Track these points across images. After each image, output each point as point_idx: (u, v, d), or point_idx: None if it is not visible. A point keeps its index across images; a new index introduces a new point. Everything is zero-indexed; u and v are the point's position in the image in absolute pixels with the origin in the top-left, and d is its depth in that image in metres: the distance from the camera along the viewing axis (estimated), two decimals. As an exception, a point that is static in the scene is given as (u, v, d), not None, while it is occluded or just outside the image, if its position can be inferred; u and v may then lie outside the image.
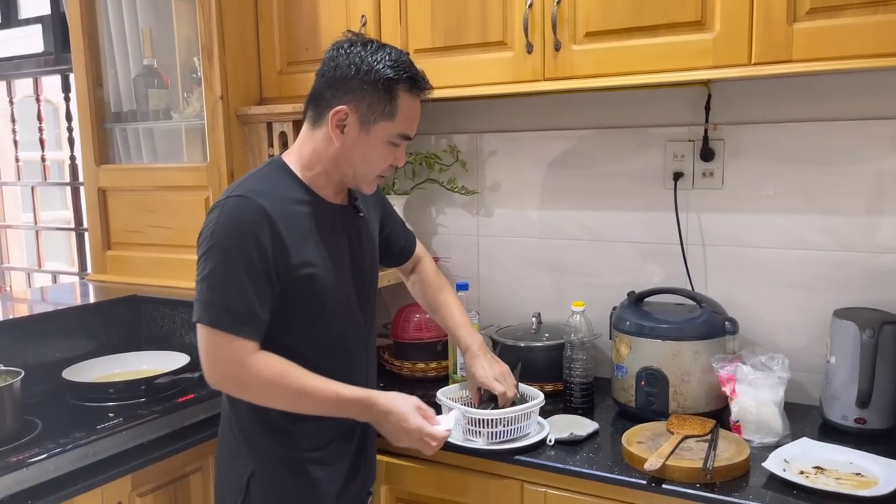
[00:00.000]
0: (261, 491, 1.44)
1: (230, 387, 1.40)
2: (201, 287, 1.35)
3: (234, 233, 1.33)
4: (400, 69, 1.38)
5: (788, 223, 1.84)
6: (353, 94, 1.38)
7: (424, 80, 1.43)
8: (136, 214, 2.26)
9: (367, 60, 1.37)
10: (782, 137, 1.82)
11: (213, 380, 1.38)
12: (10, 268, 3.56)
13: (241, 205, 1.35)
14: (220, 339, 1.33)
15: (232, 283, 1.32)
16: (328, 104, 1.40)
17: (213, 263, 1.33)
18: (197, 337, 1.37)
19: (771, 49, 1.49)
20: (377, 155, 1.43)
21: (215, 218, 1.35)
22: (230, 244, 1.33)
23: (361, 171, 1.44)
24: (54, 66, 3.08)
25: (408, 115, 1.42)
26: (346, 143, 1.40)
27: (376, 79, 1.37)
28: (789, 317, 1.86)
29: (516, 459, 1.58)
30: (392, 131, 1.41)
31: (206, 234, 1.36)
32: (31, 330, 1.92)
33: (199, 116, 2.14)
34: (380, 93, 1.37)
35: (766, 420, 1.60)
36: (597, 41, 1.66)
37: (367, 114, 1.38)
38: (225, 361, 1.35)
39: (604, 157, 2.05)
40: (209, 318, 1.33)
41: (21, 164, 3.47)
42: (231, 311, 1.32)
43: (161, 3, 2.26)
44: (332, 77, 1.40)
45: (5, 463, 1.46)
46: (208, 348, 1.35)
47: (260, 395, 1.39)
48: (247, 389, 1.38)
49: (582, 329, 1.83)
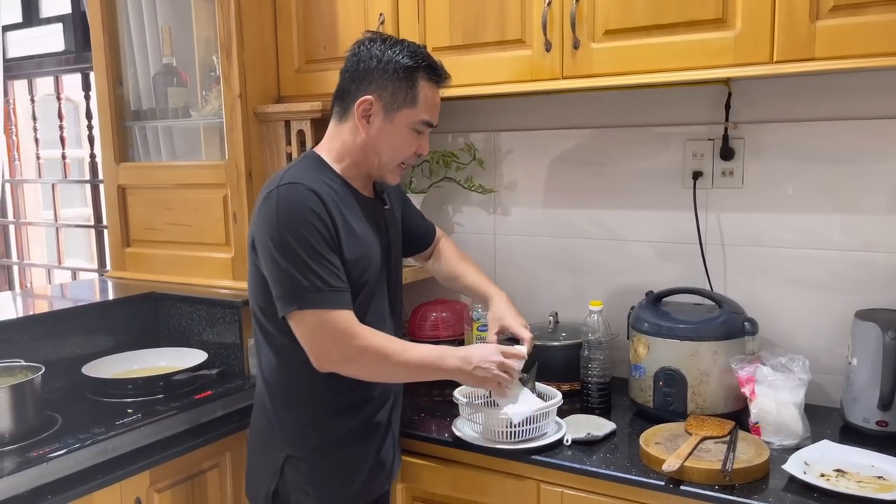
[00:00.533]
0: (295, 474, 1.47)
1: (344, 363, 1.41)
2: (288, 274, 1.36)
3: (297, 215, 1.37)
4: (418, 58, 1.47)
5: (809, 223, 1.82)
6: (375, 85, 1.45)
7: (442, 69, 1.51)
8: (155, 212, 2.28)
9: (387, 53, 1.46)
10: (803, 136, 1.80)
11: (327, 360, 1.40)
12: (31, 264, 3.59)
13: (295, 190, 1.39)
14: (328, 317, 1.36)
15: (316, 261, 1.36)
16: (353, 97, 1.47)
17: (290, 249, 1.35)
18: (296, 327, 1.38)
19: (793, 47, 1.47)
20: (402, 141, 1.49)
21: (273, 206, 1.38)
22: (298, 226, 1.36)
23: (387, 158, 1.50)
24: (75, 64, 3.11)
25: (429, 102, 1.49)
26: (372, 132, 1.47)
27: (397, 68, 1.45)
28: (810, 317, 1.84)
29: (533, 459, 1.57)
30: (415, 118, 1.48)
31: (269, 225, 1.38)
32: (52, 326, 1.94)
33: (217, 114, 2.15)
34: (401, 81, 1.45)
35: (786, 422, 1.58)
36: (616, 39, 1.65)
37: (391, 102, 1.45)
38: (337, 338, 1.37)
39: (622, 155, 2.04)
40: (310, 301, 1.35)
41: (42, 161, 3.51)
42: (328, 287, 1.36)
43: (180, 2, 2.27)
44: (354, 71, 1.47)
45: (26, 458, 1.48)
46: (318, 331, 1.37)
47: (369, 366, 1.42)
48: (357, 362, 1.40)
49: (599, 329, 1.82)
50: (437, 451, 1.71)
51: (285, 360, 1.47)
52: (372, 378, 1.48)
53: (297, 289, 1.36)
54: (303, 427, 1.48)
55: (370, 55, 1.46)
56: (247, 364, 2.02)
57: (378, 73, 1.45)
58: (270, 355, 1.49)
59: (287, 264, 1.36)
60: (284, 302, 1.37)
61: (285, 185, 1.40)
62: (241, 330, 2.01)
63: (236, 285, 2.09)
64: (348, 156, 1.50)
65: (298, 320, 1.38)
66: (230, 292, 2.08)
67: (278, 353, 1.47)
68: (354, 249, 1.44)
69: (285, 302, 1.37)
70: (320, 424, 1.49)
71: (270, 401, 1.51)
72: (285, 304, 1.37)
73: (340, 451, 1.50)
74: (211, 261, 2.15)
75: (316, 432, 1.48)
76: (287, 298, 1.37)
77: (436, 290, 2.33)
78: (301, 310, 1.36)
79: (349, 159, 1.51)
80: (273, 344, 1.48)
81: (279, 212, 1.37)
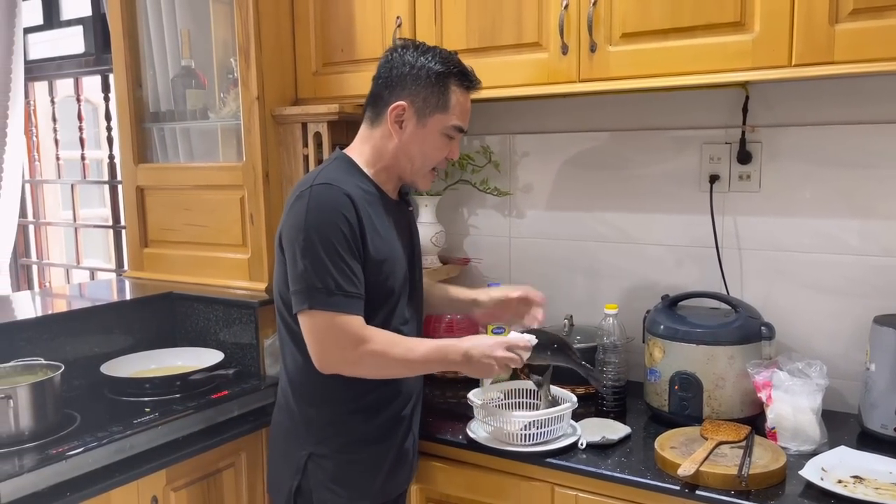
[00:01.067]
0: (318, 471, 1.49)
1: (345, 366, 1.43)
2: (305, 273, 1.38)
3: (327, 217, 1.39)
4: (450, 64, 1.50)
5: (827, 227, 1.81)
6: (408, 91, 1.48)
7: (473, 75, 1.54)
8: (173, 213, 2.30)
9: (420, 59, 1.48)
10: (822, 140, 1.79)
11: (329, 362, 1.42)
12: (50, 264, 3.63)
13: (328, 191, 1.41)
14: (336, 320, 1.38)
15: (335, 264, 1.38)
16: (386, 102, 1.49)
17: (313, 249, 1.37)
18: (303, 325, 1.41)
19: (812, 50, 1.46)
20: (434, 147, 1.52)
21: (305, 205, 1.40)
22: (326, 228, 1.38)
23: (419, 163, 1.53)
24: (94, 66, 3.15)
25: (460, 108, 1.52)
26: (405, 137, 1.49)
27: (429, 74, 1.47)
28: (827, 322, 1.82)
29: (548, 462, 1.57)
30: (447, 123, 1.51)
31: (297, 223, 1.40)
32: (71, 325, 1.96)
33: (235, 116, 2.17)
34: (433, 87, 1.48)
35: (803, 427, 1.57)
36: (633, 42, 1.65)
37: (423, 107, 1.48)
38: (342, 342, 1.39)
39: (638, 158, 2.04)
40: (321, 303, 1.37)
41: (61, 162, 3.55)
42: (341, 292, 1.38)
43: (199, 5, 2.29)
44: (387, 78, 1.49)
45: (46, 455, 1.50)
46: (323, 332, 1.39)
47: (372, 369, 1.45)
48: (359, 365, 1.43)
49: (615, 332, 1.82)
50: (452, 452, 1.71)
51: (308, 359, 1.48)
52: (374, 377, 1.49)
53: (312, 288, 1.38)
54: (327, 424, 1.50)
55: (403, 61, 1.48)
56: (262, 364, 2.03)
57: (411, 80, 1.47)
58: (295, 353, 1.50)
59: (307, 262, 1.38)
60: (298, 299, 1.40)
61: (319, 186, 1.42)
62: (258, 330, 2.02)
63: (252, 286, 2.10)
64: (380, 160, 1.53)
65: (307, 319, 1.40)
66: (246, 293, 2.09)
67: (303, 351, 1.48)
68: (381, 252, 1.46)
69: (299, 299, 1.40)
70: (344, 422, 1.50)
71: (294, 398, 1.52)
72: (299, 301, 1.40)
73: (363, 449, 1.51)
74: (227, 261, 2.16)
75: (340, 429, 1.50)
76: (301, 296, 1.39)
77: (450, 293, 2.34)
78: (311, 309, 1.38)
79: (381, 164, 1.53)
80: (298, 342, 1.49)
81: (309, 211, 1.39)
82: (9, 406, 1.55)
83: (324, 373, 1.43)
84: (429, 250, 2.22)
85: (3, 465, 1.46)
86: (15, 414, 1.56)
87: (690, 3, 1.57)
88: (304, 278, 1.38)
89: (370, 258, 1.44)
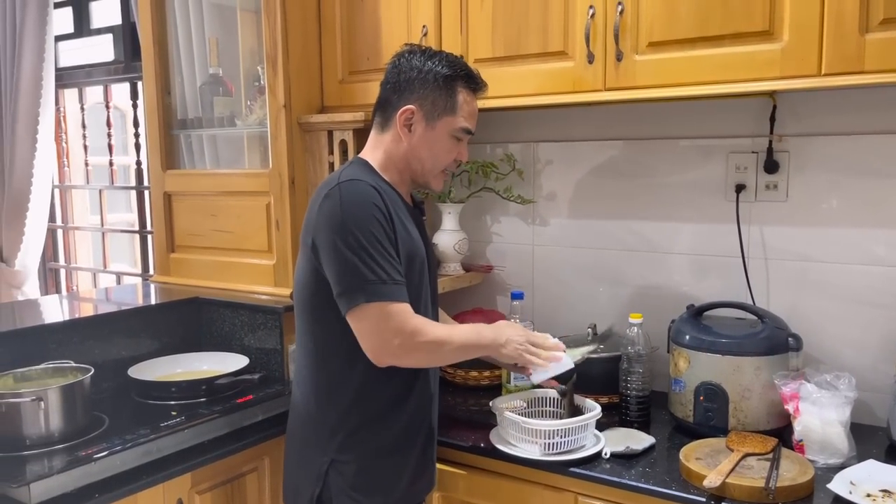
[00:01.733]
0: (339, 479, 1.49)
1: (402, 354, 1.43)
2: (355, 269, 1.38)
3: (361, 209, 1.40)
4: (456, 67, 1.53)
5: (855, 237, 1.79)
6: (416, 95, 1.51)
7: (479, 78, 1.57)
8: (199, 218, 2.32)
9: (427, 63, 1.51)
10: (850, 150, 1.78)
11: (387, 353, 1.42)
12: (77, 268, 3.69)
13: (357, 186, 1.43)
14: (391, 310, 1.39)
15: (380, 254, 1.39)
16: (395, 107, 1.52)
17: (356, 243, 1.38)
18: (359, 319, 1.40)
19: (842, 60, 1.45)
20: (442, 149, 1.54)
21: (337, 202, 1.41)
22: (363, 220, 1.39)
23: (429, 165, 1.55)
24: (123, 74, 3.20)
25: (468, 110, 1.54)
26: (414, 140, 1.52)
27: (436, 77, 1.50)
28: (856, 334, 1.80)
29: (571, 471, 1.57)
30: (454, 125, 1.53)
31: (333, 221, 1.40)
32: (100, 328, 1.99)
33: (261, 124, 2.19)
34: (440, 90, 1.50)
35: (831, 440, 1.55)
36: (660, 51, 1.65)
37: (431, 110, 1.50)
38: (399, 331, 1.40)
39: (663, 167, 2.03)
40: (375, 295, 1.38)
41: (90, 168, 3.60)
42: (391, 280, 1.39)
43: (227, 14, 2.33)
44: (395, 82, 1.52)
45: (75, 457, 1.52)
46: (380, 324, 1.40)
47: (426, 355, 1.47)
48: (415, 353, 1.44)
49: (639, 341, 1.81)
50: (474, 460, 1.71)
51: (336, 364, 1.49)
52: (424, 365, 1.53)
53: (363, 281, 1.38)
54: (349, 431, 1.50)
55: (410, 66, 1.51)
56: (286, 369, 2.05)
57: (419, 84, 1.50)
58: (320, 359, 1.51)
59: (353, 257, 1.38)
60: (349, 296, 1.39)
61: (346, 182, 1.43)
62: (282, 336, 2.04)
63: (277, 291, 2.12)
64: (391, 164, 1.55)
65: (362, 313, 1.39)
66: (271, 298, 2.11)
67: (326, 356, 1.50)
68: (407, 246, 1.48)
69: (350, 296, 1.39)
70: (369, 428, 1.50)
71: (316, 405, 1.52)
72: (350, 298, 1.39)
73: (386, 456, 1.51)
74: (253, 267, 2.18)
75: (364, 436, 1.50)
76: (352, 292, 1.39)
77: (473, 300, 2.35)
78: (367, 303, 1.38)
79: (392, 167, 1.55)
80: (321, 348, 1.50)
81: (343, 206, 1.40)
82: (39, 408, 1.57)
83: (380, 365, 1.43)
84: (451, 257, 2.23)
85: (34, 466, 1.48)
86: (45, 415, 1.58)
87: (719, 12, 1.57)
88: (353, 274, 1.38)
89: (400, 249, 1.45)
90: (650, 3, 1.64)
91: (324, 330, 1.48)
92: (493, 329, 1.56)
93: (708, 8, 1.58)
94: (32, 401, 1.57)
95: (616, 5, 1.67)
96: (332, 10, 2.13)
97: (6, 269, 3.38)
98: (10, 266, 3.36)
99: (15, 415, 1.56)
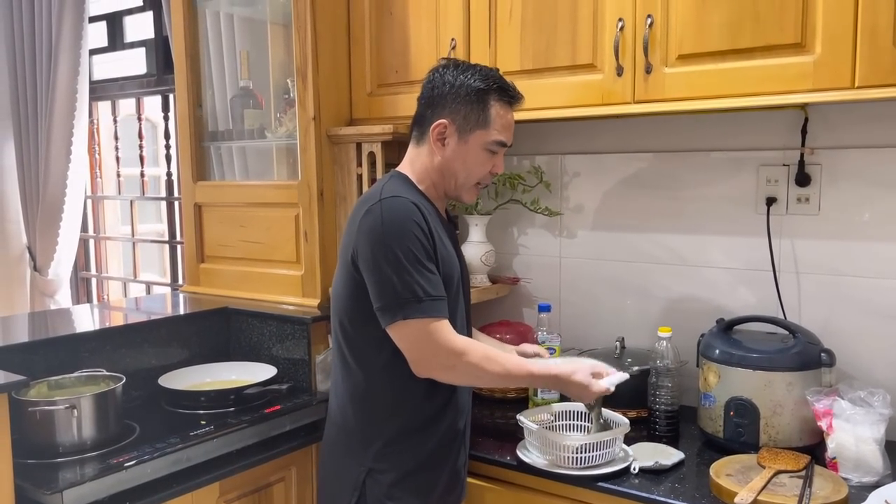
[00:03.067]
0: (376, 487, 1.50)
1: (442, 372, 1.46)
2: (394, 286, 1.40)
3: (402, 226, 1.42)
4: (489, 80, 1.53)
5: (888, 251, 1.76)
6: (449, 109, 1.52)
7: (514, 90, 1.56)
8: (229, 229, 2.35)
9: (459, 77, 1.52)
10: (884, 162, 1.75)
11: (428, 369, 1.45)
12: (109, 277, 3.75)
13: (398, 203, 1.45)
14: (430, 327, 1.41)
15: (419, 272, 1.41)
16: (429, 121, 1.53)
17: (396, 260, 1.40)
18: (399, 336, 1.43)
19: (876, 72, 1.43)
20: (476, 162, 1.55)
21: (378, 218, 1.43)
22: (404, 237, 1.41)
23: (462, 178, 1.56)
24: (155, 87, 3.25)
25: (501, 123, 1.54)
26: (447, 153, 1.53)
27: (469, 91, 1.51)
28: (889, 350, 1.77)
29: (599, 486, 1.56)
30: (488, 139, 1.53)
31: (375, 237, 1.42)
32: (132, 337, 2.02)
33: (290, 136, 2.21)
34: (473, 104, 1.51)
35: (865, 458, 1.52)
36: (689, 64, 1.64)
37: (464, 124, 1.51)
38: (441, 348, 1.42)
39: (692, 179, 2.02)
40: (414, 310, 1.40)
41: (121, 179, 3.66)
42: (429, 297, 1.41)
43: (257, 28, 2.36)
44: (430, 97, 1.54)
45: (107, 464, 1.54)
46: (421, 341, 1.42)
47: (464, 377, 1.49)
48: (455, 371, 1.46)
49: (668, 355, 1.79)
50: (502, 474, 1.71)
51: (372, 375, 1.50)
52: (465, 384, 1.54)
53: (402, 299, 1.39)
54: (386, 441, 1.51)
55: (443, 81, 1.53)
56: (314, 380, 2.06)
57: (451, 98, 1.51)
58: (357, 370, 1.52)
59: (392, 274, 1.40)
60: (389, 313, 1.41)
61: (388, 199, 1.45)
62: (310, 346, 2.05)
63: (305, 302, 2.13)
64: (427, 177, 1.57)
65: (401, 329, 1.42)
66: (299, 309, 2.13)
67: (365, 367, 1.51)
68: (446, 262, 1.49)
69: (390, 313, 1.41)
70: (402, 439, 1.51)
71: (354, 415, 1.53)
72: (390, 314, 1.41)
73: (421, 468, 1.52)
74: (281, 278, 2.20)
75: (400, 446, 1.51)
76: (391, 309, 1.41)
77: (499, 312, 2.35)
78: (406, 319, 1.40)
79: (428, 181, 1.57)
80: (360, 359, 1.51)
81: (385, 223, 1.42)
82: (73, 416, 1.60)
83: (420, 377, 1.45)
84: (478, 269, 2.23)
85: (66, 473, 1.50)
86: (78, 423, 1.60)
87: (749, 24, 1.56)
88: (392, 291, 1.40)
89: (440, 265, 1.47)
90: (680, 15, 1.64)
91: (361, 341, 1.50)
92: (556, 378, 1.56)
93: (739, 20, 1.57)
94: (66, 408, 1.59)
95: (645, 18, 1.67)
96: (361, 23, 2.15)
97: (39, 278, 3.44)
98: (44, 275, 3.43)
99: (49, 422, 1.59)
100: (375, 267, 1.41)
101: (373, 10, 2.13)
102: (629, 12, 1.70)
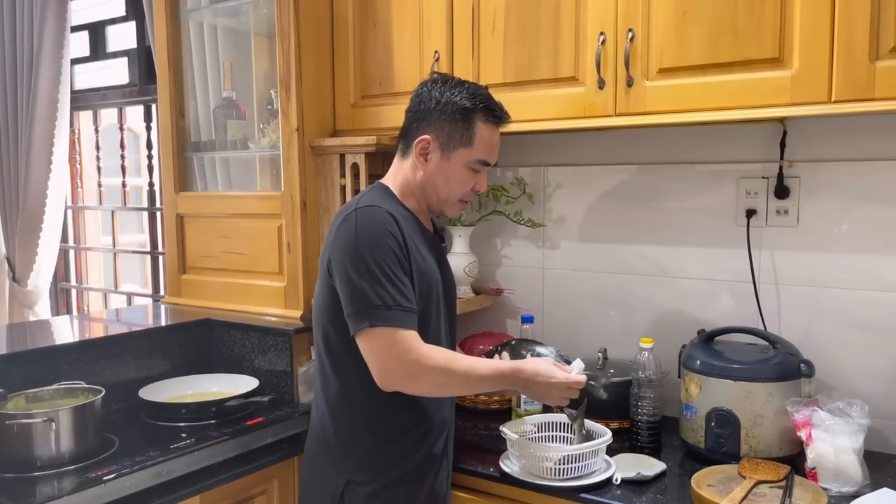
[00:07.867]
0: (354, 498, 1.49)
1: (407, 382, 1.44)
2: (363, 293, 1.40)
3: (375, 235, 1.42)
4: (476, 100, 1.53)
5: (867, 263, 1.78)
6: (434, 125, 1.52)
7: (501, 110, 1.56)
8: (211, 240, 2.34)
9: (446, 94, 1.51)
10: (861, 176, 1.78)
11: (392, 379, 1.43)
12: (89, 288, 3.71)
13: (373, 212, 1.45)
14: (397, 336, 1.40)
15: (390, 280, 1.40)
16: (414, 135, 1.54)
17: (367, 268, 1.40)
18: (364, 344, 1.42)
19: (852, 87, 1.46)
20: (458, 179, 1.55)
21: (353, 227, 1.43)
22: (376, 246, 1.41)
23: (444, 194, 1.56)
24: (138, 96, 3.24)
25: (486, 143, 1.54)
26: (430, 169, 1.53)
27: (454, 109, 1.51)
28: (868, 360, 1.79)
29: (581, 497, 1.56)
30: (471, 157, 1.54)
31: (347, 245, 1.42)
32: (111, 349, 2.00)
33: (274, 147, 2.21)
34: (458, 122, 1.51)
35: (844, 468, 1.54)
36: (670, 77, 1.66)
37: (447, 142, 1.51)
38: (404, 358, 1.40)
39: (673, 192, 2.04)
40: (381, 318, 1.39)
41: (103, 189, 3.63)
42: (398, 307, 1.40)
43: (241, 38, 2.36)
44: (416, 111, 1.54)
45: (85, 478, 1.52)
46: (386, 349, 1.40)
47: (431, 386, 1.46)
48: (421, 381, 1.44)
49: (650, 366, 1.80)
50: (485, 485, 1.70)
51: (351, 386, 1.50)
52: (433, 394, 1.52)
53: (369, 306, 1.39)
54: (364, 452, 1.50)
55: (430, 96, 1.53)
56: (296, 392, 2.05)
57: (437, 114, 1.52)
58: (336, 381, 1.52)
59: (361, 281, 1.39)
60: (357, 319, 1.41)
61: (364, 208, 1.45)
62: (292, 358, 2.04)
63: (288, 314, 2.13)
64: (410, 191, 1.57)
65: (367, 337, 1.41)
66: (282, 320, 2.12)
67: (344, 378, 1.50)
68: (423, 272, 1.49)
69: (358, 319, 1.40)
70: (380, 450, 1.51)
71: (333, 427, 1.53)
72: (356, 321, 1.40)
73: (400, 483, 1.51)
74: (264, 289, 2.20)
75: (378, 458, 1.50)
76: (358, 315, 1.40)
77: (483, 322, 2.35)
78: (371, 327, 1.39)
79: (411, 194, 1.57)
80: (339, 369, 1.50)
81: (358, 231, 1.42)
82: (50, 429, 1.58)
83: (385, 390, 1.43)
84: (462, 280, 2.23)
85: (44, 488, 1.48)
86: (56, 437, 1.59)
87: (728, 39, 1.58)
88: (360, 298, 1.40)
89: (414, 276, 1.46)
90: (660, 29, 1.66)
91: (341, 352, 1.49)
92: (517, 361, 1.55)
93: (718, 35, 1.59)
94: (44, 422, 1.57)
95: (627, 32, 1.69)
96: (345, 35, 2.16)
97: (18, 289, 3.40)
98: (23, 286, 3.39)
99: (26, 436, 1.57)
100: (347, 275, 1.41)
101: (357, 22, 2.14)
102: (611, 26, 1.72)
